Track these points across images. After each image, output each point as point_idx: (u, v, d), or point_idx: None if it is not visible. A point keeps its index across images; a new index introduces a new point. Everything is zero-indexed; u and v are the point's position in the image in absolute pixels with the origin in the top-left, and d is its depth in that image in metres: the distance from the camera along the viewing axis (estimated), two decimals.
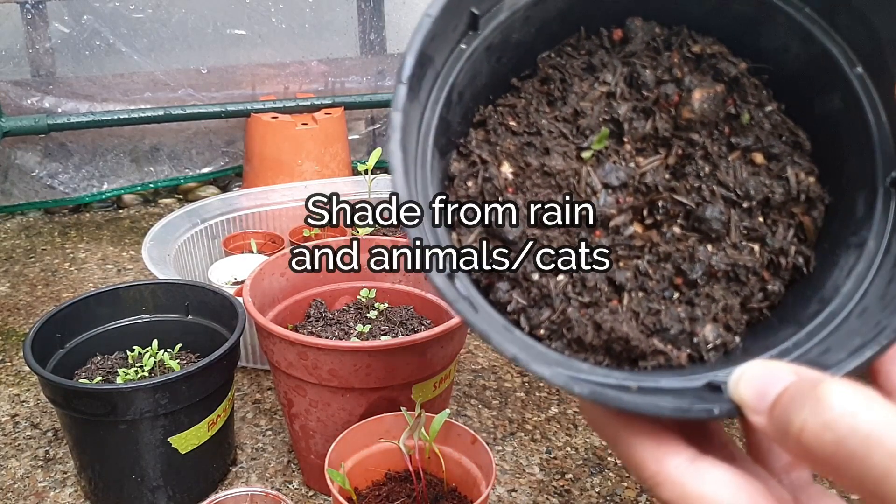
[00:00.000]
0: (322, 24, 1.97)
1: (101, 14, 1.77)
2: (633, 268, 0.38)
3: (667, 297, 0.38)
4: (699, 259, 0.38)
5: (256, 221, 1.50)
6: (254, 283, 0.95)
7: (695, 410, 0.30)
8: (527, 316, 0.37)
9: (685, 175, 0.39)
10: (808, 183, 0.39)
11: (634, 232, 0.39)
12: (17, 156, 1.80)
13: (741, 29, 0.40)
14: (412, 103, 0.34)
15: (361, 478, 0.82)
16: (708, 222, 0.38)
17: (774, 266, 0.39)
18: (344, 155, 1.84)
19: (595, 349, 0.36)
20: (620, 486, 0.96)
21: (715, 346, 0.37)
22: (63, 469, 0.99)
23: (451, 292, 0.31)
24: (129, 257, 1.64)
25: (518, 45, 0.40)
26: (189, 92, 1.87)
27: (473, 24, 0.37)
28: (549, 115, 0.40)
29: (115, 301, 1.01)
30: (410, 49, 0.33)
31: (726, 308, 0.38)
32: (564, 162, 0.39)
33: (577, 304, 0.37)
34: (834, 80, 0.38)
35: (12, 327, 1.34)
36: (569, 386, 0.29)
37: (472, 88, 0.39)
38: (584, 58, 0.41)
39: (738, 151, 0.40)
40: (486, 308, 0.35)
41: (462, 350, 1.04)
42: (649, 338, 0.36)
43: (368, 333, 0.97)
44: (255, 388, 1.17)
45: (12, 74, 1.75)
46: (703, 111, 0.39)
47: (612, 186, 0.38)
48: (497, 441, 1.05)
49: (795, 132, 0.40)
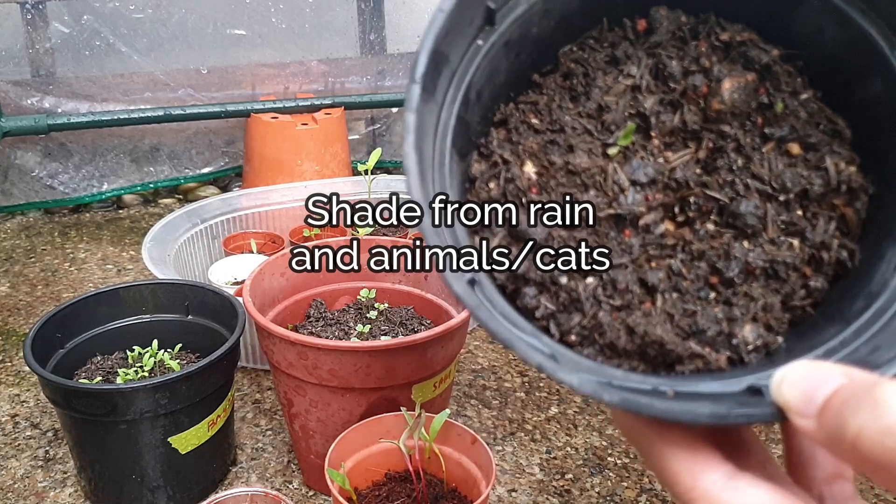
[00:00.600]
0: (322, 24, 1.97)
1: (101, 14, 1.77)
2: (665, 268, 0.36)
3: (703, 298, 0.36)
4: (735, 256, 0.36)
5: (256, 221, 1.50)
6: (254, 283, 0.95)
7: (733, 416, 0.28)
8: (556, 321, 0.35)
9: (717, 169, 0.38)
10: (849, 172, 0.37)
11: (666, 230, 0.37)
12: (17, 156, 1.80)
13: (773, 14, 0.38)
14: (427, 104, 0.33)
15: (361, 478, 0.82)
16: (743, 217, 0.37)
17: (816, 261, 0.37)
18: (344, 155, 1.84)
19: (629, 354, 0.35)
20: (620, 486, 0.96)
21: (756, 347, 0.35)
22: (63, 469, 0.99)
23: (473, 298, 0.30)
24: (129, 257, 1.64)
25: (538, 39, 0.39)
26: (189, 92, 1.87)
27: (490, 19, 0.36)
28: (572, 111, 0.39)
29: (115, 301, 1.01)
30: (424, 46, 0.32)
31: (766, 307, 0.36)
32: (590, 159, 0.37)
33: (609, 308, 0.35)
34: (874, 63, 0.36)
35: (12, 327, 1.34)
36: (598, 394, 0.28)
37: (490, 86, 0.38)
38: (607, 50, 0.40)
39: (772, 142, 0.38)
40: (511, 314, 0.34)
41: (462, 350, 1.04)
42: (685, 340, 0.35)
43: (368, 333, 0.97)
44: (255, 388, 1.17)
45: (12, 74, 1.75)
46: (734, 101, 0.38)
47: (640, 183, 0.37)
48: (497, 441, 1.05)
49: (834, 120, 0.38)
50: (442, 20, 0.32)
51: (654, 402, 0.28)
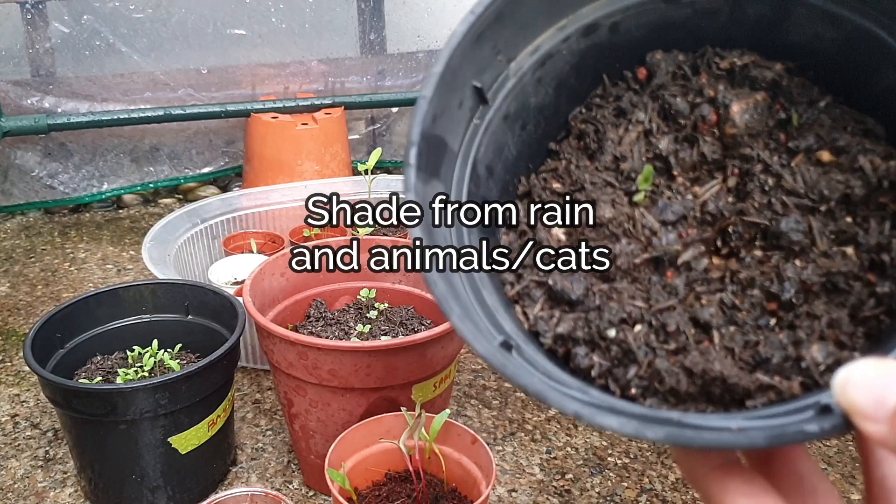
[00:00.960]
0: (322, 24, 1.97)
1: (101, 14, 1.77)
2: (716, 302, 0.35)
3: (763, 326, 0.34)
4: (789, 277, 0.35)
5: (256, 221, 1.50)
6: (254, 283, 0.95)
7: (790, 434, 0.26)
8: (614, 377, 0.34)
9: (749, 193, 0.37)
10: (889, 167, 0.36)
11: (709, 264, 0.36)
12: (17, 156, 1.80)
13: (766, 31, 0.38)
14: (427, 184, 0.33)
15: (361, 478, 0.82)
16: (787, 236, 0.35)
17: (878, 265, 0.35)
18: (344, 155, 1.84)
19: (694, 397, 0.33)
20: (620, 486, 0.96)
21: (828, 367, 0.33)
22: (63, 469, 0.99)
23: (497, 358, 0.29)
24: (129, 257, 1.63)
25: (541, 108, 0.39)
26: (189, 92, 1.87)
27: (482, 98, 0.36)
28: (589, 168, 0.39)
29: (115, 301, 1.01)
30: (412, 135, 0.32)
31: (832, 323, 0.34)
32: (614, 209, 0.37)
33: (665, 353, 0.34)
34: (880, 54, 0.35)
35: (12, 327, 1.34)
36: (640, 433, 0.27)
37: (502, 161, 0.38)
38: (613, 104, 0.40)
39: (800, 154, 0.37)
40: (557, 374, 0.33)
41: (462, 350, 1.04)
42: (752, 373, 0.33)
43: (368, 333, 0.97)
44: (255, 388, 1.17)
45: (12, 74, 1.75)
46: (747, 123, 0.37)
47: (670, 222, 0.36)
48: (497, 441, 1.05)
49: (861, 119, 0.37)
50: (424, 106, 0.32)
51: (702, 434, 0.27)
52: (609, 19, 0.38)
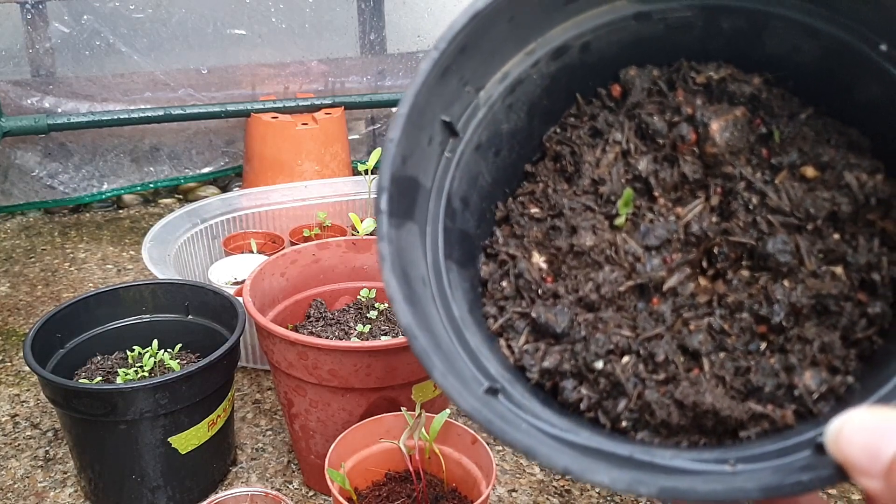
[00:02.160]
0: (322, 24, 1.97)
1: (101, 14, 1.77)
2: (705, 328, 0.34)
3: (753, 351, 0.33)
4: (777, 299, 0.33)
5: (256, 221, 1.50)
6: (254, 283, 0.95)
7: (787, 485, 0.25)
8: (603, 410, 0.33)
9: (733, 213, 0.36)
10: (876, 183, 0.34)
11: (696, 288, 0.35)
12: (17, 156, 1.80)
13: (743, 44, 0.37)
14: (401, 229, 0.32)
15: (361, 478, 0.82)
16: (774, 257, 0.34)
17: (869, 285, 0.34)
18: (344, 155, 1.84)
19: (686, 430, 0.32)
20: None
21: (822, 395, 0.32)
22: (63, 469, 0.99)
23: (482, 414, 0.28)
24: (129, 257, 1.63)
25: (513, 132, 0.38)
26: (189, 92, 1.87)
27: (452, 131, 0.35)
28: (567, 191, 0.38)
29: (115, 301, 1.01)
30: (382, 178, 0.31)
31: (824, 347, 0.33)
32: (595, 236, 0.36)
33: (654, 384, 0.33)
34: (860, 65, 0.34)
35: (12, 327, 1.34)
36: (633, 489, 0.26)
37: (477, 191, 0.37)
38: (588, 124, 0.38)
39: (784, 171, 0.36)
40: (544, 415, 0.32)
41: None
42: (744, 402, 0.32)
43: (368, 333, 0.97)
44: (255, 388, 1.17)
45: (12, 74, 1.75)
46: (728, 141, 0.36)
47: (653, 247, 0.35)
48: (497, 441, 1.05)
49: (845, 132, 0.36)
50: (392, 149, 0.32)
51: (696, 486, 0.26)
52: (579, 40, 0.37)
